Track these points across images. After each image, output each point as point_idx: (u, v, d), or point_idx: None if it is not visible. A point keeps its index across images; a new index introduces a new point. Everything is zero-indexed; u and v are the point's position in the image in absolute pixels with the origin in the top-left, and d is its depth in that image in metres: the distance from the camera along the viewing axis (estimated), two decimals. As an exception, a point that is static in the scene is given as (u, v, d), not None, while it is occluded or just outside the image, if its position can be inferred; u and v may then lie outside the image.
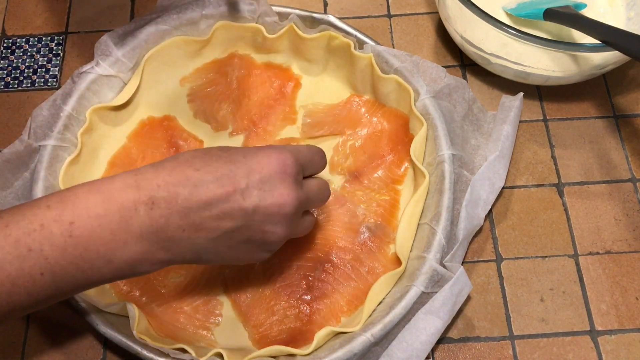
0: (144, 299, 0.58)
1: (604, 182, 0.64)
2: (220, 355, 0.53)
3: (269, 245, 0.50)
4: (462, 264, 0.58)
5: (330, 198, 0.61)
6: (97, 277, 0.45)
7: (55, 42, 0.73)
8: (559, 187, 0.64)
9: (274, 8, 0.68)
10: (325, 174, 0.64)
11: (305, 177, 0.52)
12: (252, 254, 0.50)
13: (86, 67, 0.64)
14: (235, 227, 0.47)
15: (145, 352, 0.53)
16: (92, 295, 0.55)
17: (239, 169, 0.47)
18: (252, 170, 0.47)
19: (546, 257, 0.61)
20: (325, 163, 0.54)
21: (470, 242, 0.61)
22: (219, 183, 0.46)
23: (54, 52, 0.72)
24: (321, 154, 0.54)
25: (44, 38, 0.73)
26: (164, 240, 0.45)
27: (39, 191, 0.59)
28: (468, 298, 0.59)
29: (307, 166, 0.51)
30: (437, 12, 0.73)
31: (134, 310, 0.53)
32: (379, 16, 0.74)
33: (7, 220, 0.43)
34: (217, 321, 0.58)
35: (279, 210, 0.47)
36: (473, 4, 0.60)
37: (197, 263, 0.50)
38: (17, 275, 0.42)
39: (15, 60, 0.72)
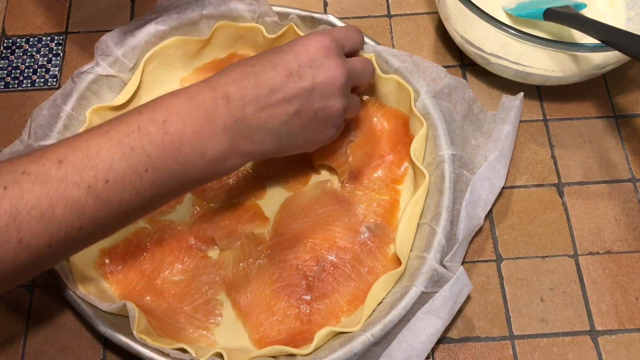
0: (144, 299, 0.58)
1: (604, 182, 0.64)
2: (220, 355, 0.53)
3: (333, 119, 0.55)
4: (462, 264, 0.58)
5: (330, 198, 0.62)
6: (193, 172, 0.49)
7: (55, 42, 0.73)
8: (559, 187, 0.64)
9: (274, 8, 0.68)
10: (325, 173, 0.65)
11: (348, 56, 0.58)
12: (322, 130, 0.56)
13: (86, 67, 0.64)
14: (300, 105, 0.52)
15: (145, 352, 0.53)
16: (92, 295, 0.55)
17: (288, 54, 0.53)
18: (298, 53, 0.53)
19: (546, 257, 0.61)
20: (362, 38, 0.61)
21: (470, 242, 0.61)
22: (275, 70, 0.52)
23: (54, 52, 0.72)
24: (354, 29, 0.60)
25: (44, 38, 0.73)
26: (245, 128, 0.50)
27: (39, 191, 0.59)
28: (468, 298, 0.59)
29: (344, 42, 0.57)
30: (437, 12, 0.73)
31: (134, 310, 0.53)
32: (379, 16, 0.74)
33: (106, 128, 0.47)
34: (217, 321, 0.58)
35: (333, 81, 0.53)
36: (473, 4, 0.60)
37: (279, 152, 0.55)
38: (125, 173, 0.45)
39: (15, 60, 0.72)
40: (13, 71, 0.71)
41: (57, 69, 0.71)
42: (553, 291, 0.59)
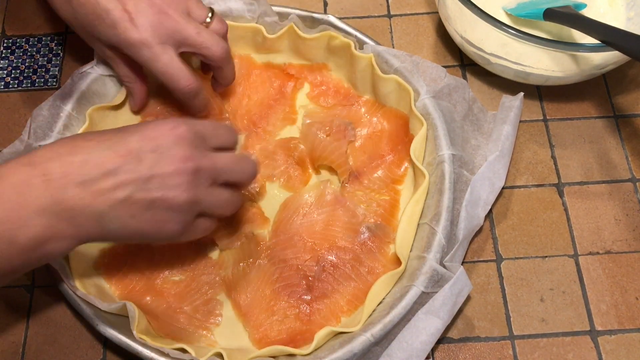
0: (144, 299, 0.58)
1: (604, 182, 0.64)
2: (220, 355, 0.53)
3: (174, 213, 0.48)
4: (462, 264, 0.58)
5: (330, 198, 0.62)
6: (4, 262, 0.44)
7: (55, 42, 0.73)
8: (559, 187, 0.64)
9: (274, 8, 0.68)
10: (325, 173, 0.65)
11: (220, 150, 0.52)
12: (159, 224, 0.48)
13: (86, 67, 0.64)
14: (133, 191, 0.46)
15: (145, 352, 0.53)
16: (92, 295, 0.55)
17: (132, 135, 0.47)
18: (145, 136, 0.47)
19: (546, 257, 0.61)
20: (235, 140, 0.54)
21: (470, 242, 0.61)
22: (112, 150, 0.46)
23: (54, 52, 0.72)
24: (227, 128, 0.54)
25: (44, 38, 0.73)
26: (65, 211, 0.45)
27: (39, 191, 0.59)
28: (468, 298, 0.59)
29: (209, 136, 0.51)
30: (437, 12, 0.73)
31: (134, 310, 0.53)
32: (379, 16, 0.74)
33: None
34: (217, 321, 0.58)
35: (175, 170, 0.47)
36: (473, 4, 0.60)
37: (105, 238, 0.49)
38: None
39: (15, 60, 0.72)
40: (13, 71, 0.71)
41: (57, 69, 0.71)
42: (553, 291, 0.59)
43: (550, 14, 0.63)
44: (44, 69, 0.71)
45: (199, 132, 0.50)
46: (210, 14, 0.58)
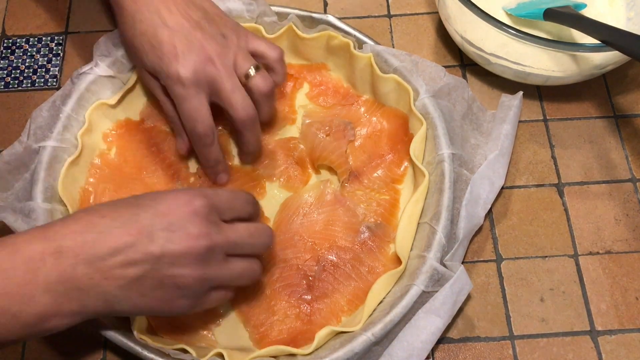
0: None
1: (604, 182, 0.64)
2: (220, 355, 0.53)
3: (185, 290, 0.48)
4: (462, 264, 0.58)
5: (330, 198, 0.62)
6: (5, 335, 0.43)
7: (55, 42, 0.73)
8: (559, 187, 0.64)
9: (274, 8, 0.68)
10: (325, 173, 0.64)
11: (239, 221, 0.51)
12: (170, 302, 0.48)
13: (85, 68, 0.64)
14: (143, 271, 0.46)
15: (145, 353, 0.53)
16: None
17: (146, 212, 0.47)
18: (158, 212, 0.47)
19: (546, 257, 0.61)
20: (253, 210, 0.53)
21: (470, 242, 0.61)
22: (124, 228, 0.45)
23: (54, 52, 0.72)
24: (245, 198, 0.52)
25: (44, 38, 0.73)
26: (73, 289, 0.44)
27: (38, 192, 0.59)
28: (468, 298, 0.59)
29: (224, 209, 0.50)
30: (437, 12, 0.73)
31: (134, 310, 0.53)
32: (379, 16, 0.74)
33: None
34: (218, 321, 0.58)
35: (187, 250, 0.46)
36: (473, 4, 0.60)
37: (112, 314, 0.49)
38: None
39: (15, 60, 0.72)
40: (13, 71, 0.71)
41: (57, 69, 0.71)
42: (553, 291, 0.59)
43: (550, 14, 0.63)
44: (44, 69, 0.71)
45: (214, 205, 0.49)
46: (254, 69, 0.57)
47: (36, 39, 0.73)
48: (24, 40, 0.73)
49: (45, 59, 0.72)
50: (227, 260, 0.50)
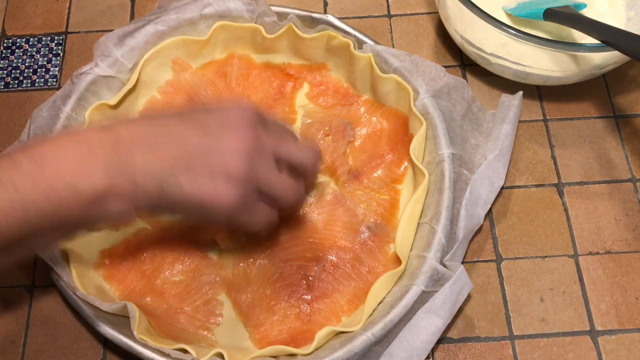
0: (144, 299, 0.58)
1: (604, 182, 0.64)
2: (221, 355, 0.53)
3: (233, 183, 0.49)
4: (462, 264, 0.58)
5: (330, 198, 0.62)
6: (66, 211, 0.45)
7: (55, 42, 0.73)
8: (559, 187, 0.64)
9: (274, 8, 0.68)
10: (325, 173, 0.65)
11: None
12: (218, 192, 0.49)
13: (85, 68, 0.64)
14: (196, 158, 0.48)
15: (146, 353, 0.53)
16: (92, 296, 0.55)
17: (204, 114, 0.51)
18: (216, 115, 0.50)
19: (546, 257, 0.61)
20: (295, 138, 0.56)
21: (470, 242, 0.61)
22: (181, 121, 0.49)
23: (54, 52, 0.72)
24: (292, 133, 0.56)
25: (44, 38, 0.73)
26: (128, 169, 0.46)
27: (38, 191, 0.58)
28: (468, 298, 0.59)
29: (273, 129, 0.53)
30: (437, 12, 0.73)
31: (134, 311, 0.53)
32: (379, 16, 0.74)
33: None
34: (218, 321, 0.58)
35: (239, 145, 0.49)
36: (473, 4, 0.60)
37: (162, 204, 0.49)
38: None
39: (15, 60, 0.72)
40: (13, 71, 0.71)
41: (57, 69, 0.71)
42: (553, 291, 0.59)
43: (550, 14, 0.63)
44: (44, 69, 0.71)
45: (265, 121, 0.52)
46: None
47: (36, 39, 0.73)
48: (24, 40, 0.73)
49: (45, 59, 0.72)
50: (274, 168, 0.52)
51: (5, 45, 0.73)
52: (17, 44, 0.73)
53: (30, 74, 0.71)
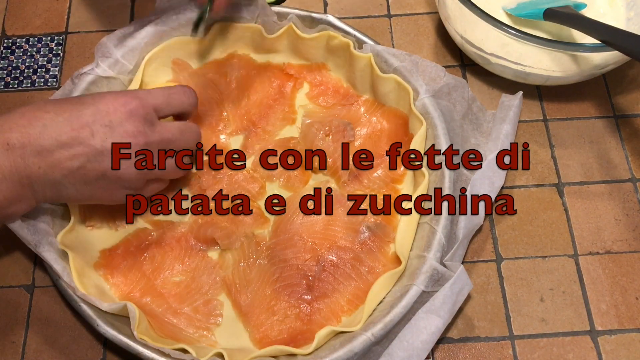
0: (144, 299, 0.58)
1: (604, 182, 0.64)
2: (221, 355, 0.53)
3: (124, 182, 0.53)
4: (462, 264, 0.58)
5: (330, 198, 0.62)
6: None
7: (55, 42, 0.73)
8: (559, 187, 0.64)
9: (273, 8, 0.68)
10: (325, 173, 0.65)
11: (177, 118, 0.57)
12: (111, 191, 0.53)
13: (86, 69, 0.64)
14: (86, 162, 0.50)
15: (146, 353, 0.53)
16: (92, 296, 0.55)
17: (87, 109, 0.51)
18: (99, 110, 0.51)
19: (546, 257, 0.61)
20: (192, 101, 0.57)
21: (470, 242, 0.61)
22: (67, 122, 0.50)
23: (54, 52, 0.72)
24: (183, 91, 0.57)
25: (44, 38, 0.73)
26: (25, 178, 0.49)
27: (38, 191, 0.59)
28: (468, 298, 0.59)
29: (162, 107, 0.55)
30: (437, 12, 0.73)
31: (134, 311, 0.53)
32: (379, 16, 0.74)
33: None
34: (218, 321, 0.58)
35: (123, 141, 0.51)
36: (473, 4, 0.60)
37: (61, 200, 0.55)
38: None
39: (15, 60, 0.72)
40: (13, 71, 0.71)
41: (57, 69, 0.71)
42: (553, 291, 0.59)
43: (550, 14, 0.63)
44: (44, 69, 0.71)
45: (153, 104, 0.54)
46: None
47: (36, 39, 0.73)
48: (24, 40, 0.73)
49: (45, 59, 0.72)
50: (160, 157, 0.54)
51: (5, 45, 0.73)
52: (17, 44, 0.73)
53: (31, 74, 0.71)
